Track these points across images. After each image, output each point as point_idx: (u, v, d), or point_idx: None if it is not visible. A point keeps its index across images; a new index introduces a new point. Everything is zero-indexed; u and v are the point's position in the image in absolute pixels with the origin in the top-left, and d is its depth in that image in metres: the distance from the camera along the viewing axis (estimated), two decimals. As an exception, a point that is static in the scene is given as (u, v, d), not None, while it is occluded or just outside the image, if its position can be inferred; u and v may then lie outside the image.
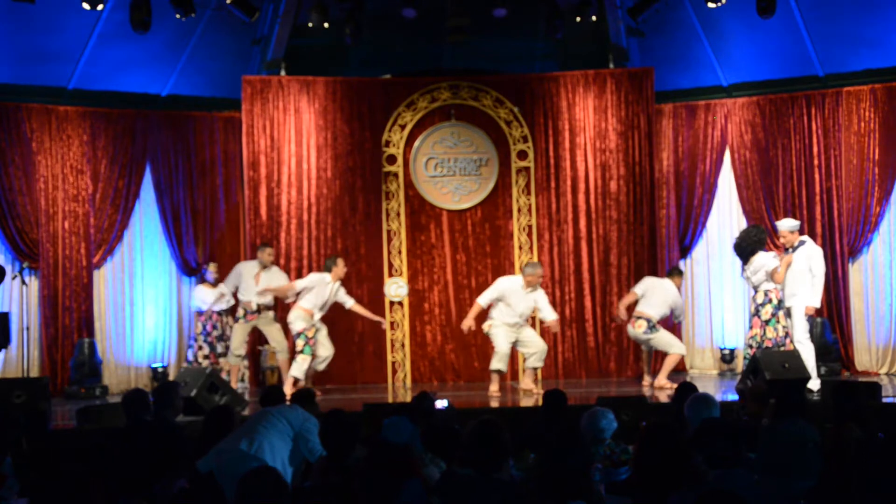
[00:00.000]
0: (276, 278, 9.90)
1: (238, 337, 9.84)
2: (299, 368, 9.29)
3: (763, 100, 11.03)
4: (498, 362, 9.31)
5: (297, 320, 9.42)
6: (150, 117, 10.98)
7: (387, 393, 10.00)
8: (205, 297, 10.53)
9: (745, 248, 9.01)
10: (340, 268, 9.56)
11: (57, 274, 10.41)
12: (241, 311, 9.89)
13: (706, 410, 4.86)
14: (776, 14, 9.43)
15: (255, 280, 9.79)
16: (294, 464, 4.97)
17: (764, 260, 8.85)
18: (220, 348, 10.48)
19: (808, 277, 8.66)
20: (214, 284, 10.55)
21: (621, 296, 10.76)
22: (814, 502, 4.38)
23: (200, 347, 10.46)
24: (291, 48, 11.00)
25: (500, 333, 9.34)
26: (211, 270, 10.63)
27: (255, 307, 9.77)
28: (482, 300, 9.47)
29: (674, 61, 11.19)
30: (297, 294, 9.58)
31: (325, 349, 9.60)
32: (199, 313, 10.59)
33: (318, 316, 9.50)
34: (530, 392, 9.31)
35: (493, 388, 9.30)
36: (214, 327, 10.51)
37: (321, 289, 9.45)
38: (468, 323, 9.48)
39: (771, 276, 8.73)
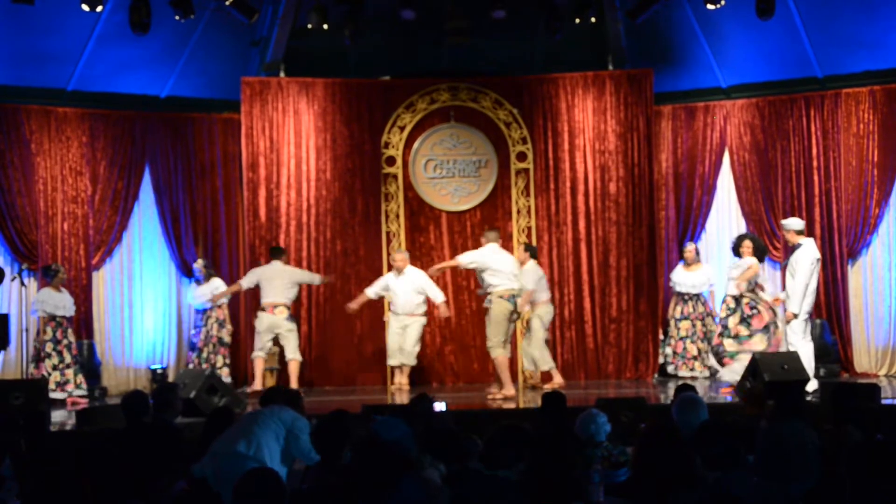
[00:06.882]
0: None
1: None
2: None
3: (762, 101, 11.04)
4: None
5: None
6: (149, 119, 10.98)
7: (385, 394, 9.98)
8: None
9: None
10: None
11: (56, 275, 10.40)
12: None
13: (693, 413, 4.87)
14: (775, 16, 9.44)
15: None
16: (287, 463, 4.97)
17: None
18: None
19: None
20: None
21: (620, 297, 10.76)
22: (812, 504, 4.38)
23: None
24: (290, 50, 11.00)
25: None
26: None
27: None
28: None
29: (673, 63, 11.19)
30: None
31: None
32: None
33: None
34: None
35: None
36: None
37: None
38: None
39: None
